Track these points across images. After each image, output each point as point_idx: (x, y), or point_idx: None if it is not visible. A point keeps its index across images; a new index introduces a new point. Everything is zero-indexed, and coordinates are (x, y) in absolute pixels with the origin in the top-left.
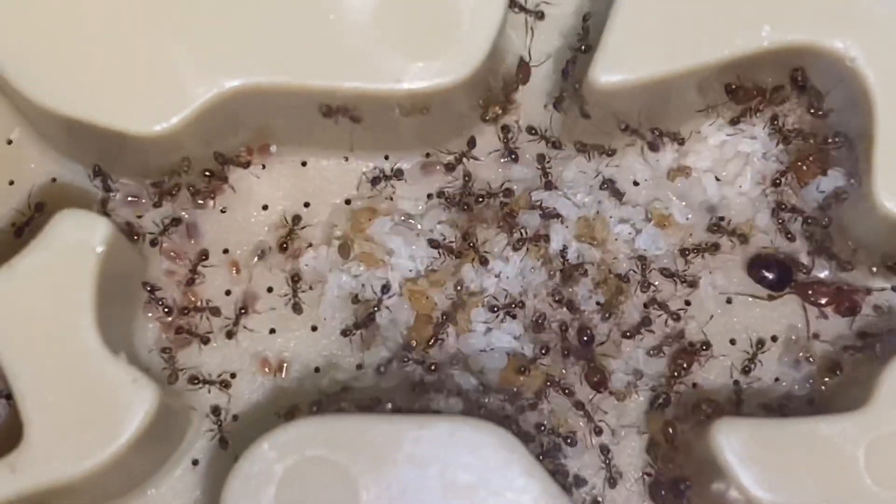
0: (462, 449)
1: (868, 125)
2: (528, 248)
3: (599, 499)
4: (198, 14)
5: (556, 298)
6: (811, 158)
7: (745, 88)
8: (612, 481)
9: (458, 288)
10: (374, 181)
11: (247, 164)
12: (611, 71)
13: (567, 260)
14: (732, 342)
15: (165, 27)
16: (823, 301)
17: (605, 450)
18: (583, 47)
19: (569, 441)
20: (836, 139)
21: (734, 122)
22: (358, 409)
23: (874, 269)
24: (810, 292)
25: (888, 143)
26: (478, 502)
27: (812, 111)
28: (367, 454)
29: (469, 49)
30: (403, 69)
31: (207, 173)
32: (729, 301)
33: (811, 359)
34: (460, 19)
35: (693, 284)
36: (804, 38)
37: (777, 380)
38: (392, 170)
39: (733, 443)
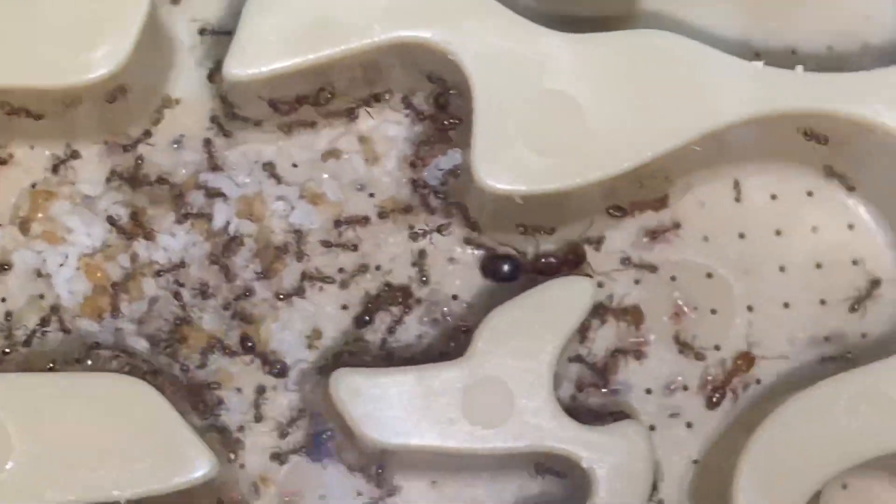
0: (110, 403)
1: (470, 110)
2: (192, 224)
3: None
4: None
5: (213, 261)
6: (432, 140)
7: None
8: (257, 417)
9: (133, 261)
10: (55, 169)
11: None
12: (241, 65)
13: (228, 233)
14: None
15: None
16: (555, 264)
17: (260, 390)
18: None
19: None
20: (452, 122)
21: (367, 102)
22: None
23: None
24: (542, 260)
25: (483, 127)
26: (121, 453)
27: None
28: (23, 409)
29: (114, 46)
30: (55, 66)
31: None
32: (378, 268)
33: (449, 318)
34: (104, 19)
35: (356, 249)
36: (410, 35)
37: (419, 336)
38: (67, 153)
39: (347, 390)
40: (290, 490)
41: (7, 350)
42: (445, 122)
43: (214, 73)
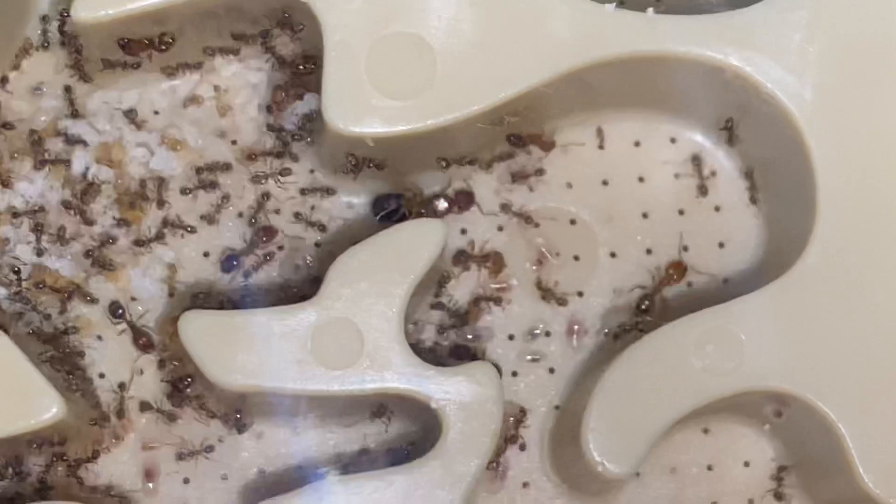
0: None
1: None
2: (50, 170)
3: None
4: None
5: (70, 207)
6: (289, 84)
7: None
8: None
9: None
10: None
11: None
12: (89, 8)
13: (86, 179)
14: None
15: None
16: (447, 206)
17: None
18: None
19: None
20: (307, 66)
21: (228, 48)
22: None
23: None
24: (433, 200)
25: (334, 70)
26: None
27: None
28: None
29: None
30: None
31: None
32: (240, 214)
33: (310, 264)
34: None
35: (214, 186)
36: None
37: (280, 283)
38: None
39: (195, 332)
40: (150, 437)
41: None
42: (301, 67)
43: (66, 19)
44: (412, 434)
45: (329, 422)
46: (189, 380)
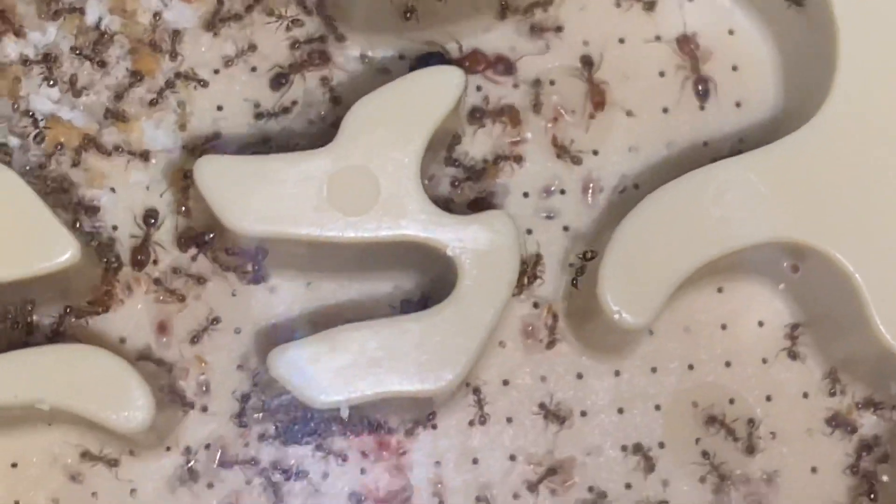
0: None
1: None
2: (64, 20)
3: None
4: None
5: (84, 58)
6: None
7: None
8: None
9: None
10: None
11: None
12: None
13: (99, 29)
14: None
15: None
16: (481, 67)
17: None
18: None
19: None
20: None
21: None
22: None
23: None
24: (468, 63)
25: None
26: None
27: None
28: None
29: None
30: None
31: None
32: (254, 69)
33: (325, 119)
34: None
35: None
36: None
37: (299, 132)
38: None
39: (210, 176)
40: (166, 289)
41: None
42: None
43: None
44: (427, 285)
45: (346, 279)
46: (212, 235)
